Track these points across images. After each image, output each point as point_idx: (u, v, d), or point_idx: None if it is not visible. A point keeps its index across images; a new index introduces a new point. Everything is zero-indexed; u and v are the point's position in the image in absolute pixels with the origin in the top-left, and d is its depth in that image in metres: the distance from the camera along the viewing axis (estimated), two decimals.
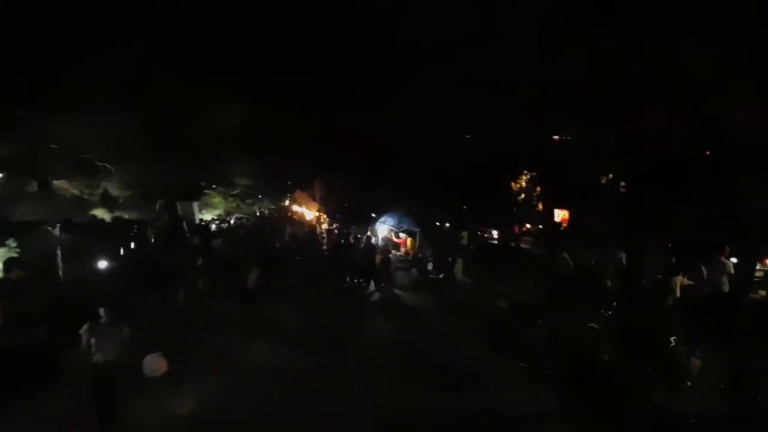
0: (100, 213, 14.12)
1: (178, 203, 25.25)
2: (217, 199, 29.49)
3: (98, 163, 13.83)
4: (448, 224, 22.45)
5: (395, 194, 21.57)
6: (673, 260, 12.07)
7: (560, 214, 20.93)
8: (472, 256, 17.75)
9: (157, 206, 23.59)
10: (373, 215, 23.95)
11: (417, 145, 19.86)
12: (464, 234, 20.19)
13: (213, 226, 27.82)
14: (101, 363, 6.28)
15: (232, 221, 31.08)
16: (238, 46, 20.45)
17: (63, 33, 13.43)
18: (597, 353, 7.71)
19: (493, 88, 14.51)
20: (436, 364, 9.24)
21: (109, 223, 14.51)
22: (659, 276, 10.63)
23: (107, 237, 14.50)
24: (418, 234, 21.80)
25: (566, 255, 14.33)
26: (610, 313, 8.92)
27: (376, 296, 16.40)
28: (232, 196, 31.09)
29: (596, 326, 8.51)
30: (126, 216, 14.70)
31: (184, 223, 25.11)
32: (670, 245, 11.56)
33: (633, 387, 6.83)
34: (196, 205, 27.87)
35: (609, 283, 13.83)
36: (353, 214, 26.89)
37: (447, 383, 8.27)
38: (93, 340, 6.28)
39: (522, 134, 16.23)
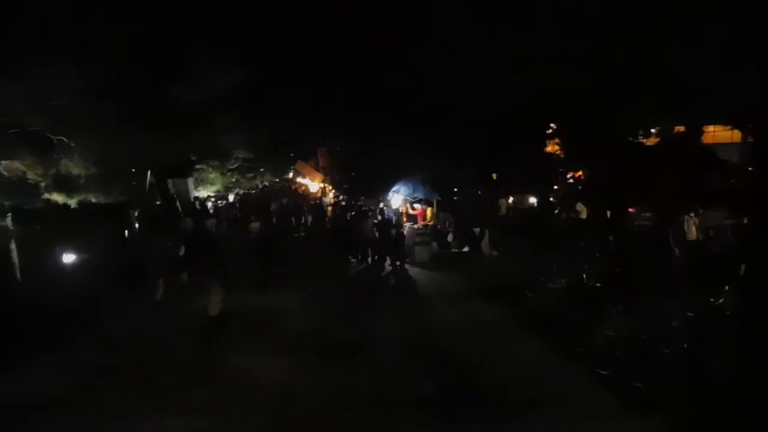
0: (61, 198, 11.83)
1: (169, 181, 22.94)
2: (213, 175, 27.08)
3: (53, 137, 11.48)
4: (480, 192, 19.87)
5: (410, 158, 18.92)
6: None
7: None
8: (505, 226, 15.29)
9: (147, 185, 21.34)
10: (386, 184, 21.46)
11: (432, 99, 17.01)
12: (501, 202, 17.72)
13: (209, 204, 25.59)
14: None
15: (231, 198, 28.82)
16: None
17: None
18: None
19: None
20: (482, 375, 6.96)
21: (74, 208, 12.28)
22: None
23: (74, 226, 12.27)
24: (435, 203, 19.44)
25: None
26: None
27: (391, 278, 14.20)
28: (230, 170, 28.72)
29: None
30: (94, 199, 12.42)
31: (178, 203, 22.93)
32: None
33: None
34: (191, 182, 25.55)
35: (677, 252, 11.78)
36: (362, 183, 24.39)
37: (505, 408, 5.98)
38: None
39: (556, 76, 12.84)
